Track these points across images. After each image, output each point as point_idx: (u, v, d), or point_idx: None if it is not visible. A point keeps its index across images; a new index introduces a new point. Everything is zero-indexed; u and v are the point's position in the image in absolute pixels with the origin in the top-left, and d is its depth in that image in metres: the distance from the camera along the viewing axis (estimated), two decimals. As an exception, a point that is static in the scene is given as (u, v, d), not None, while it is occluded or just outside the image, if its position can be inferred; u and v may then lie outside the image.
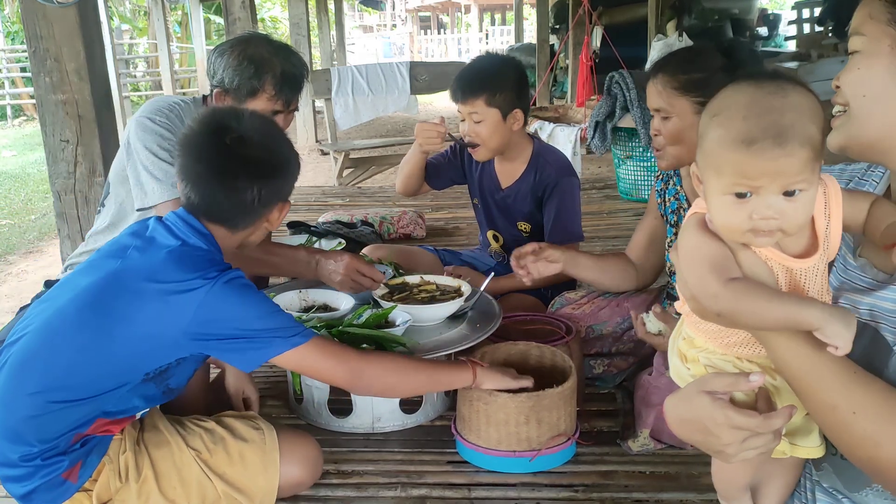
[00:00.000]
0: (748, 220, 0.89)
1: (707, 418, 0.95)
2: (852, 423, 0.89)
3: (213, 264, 1.50)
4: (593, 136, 4.84)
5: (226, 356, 1.54)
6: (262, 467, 1.67)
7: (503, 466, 1.85)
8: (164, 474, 1.62)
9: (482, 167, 2.62)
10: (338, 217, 3.97)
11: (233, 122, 1.55)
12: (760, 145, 0.86)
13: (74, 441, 1.52)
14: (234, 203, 1.56)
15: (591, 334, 2.26)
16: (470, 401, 1.86)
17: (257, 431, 1.72)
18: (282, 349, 1.52)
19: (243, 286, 1.52)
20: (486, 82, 2.36)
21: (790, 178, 0.87)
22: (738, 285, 0.90)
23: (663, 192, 2.15)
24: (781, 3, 19.78)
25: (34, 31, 2.99)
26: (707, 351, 1.03)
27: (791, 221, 0.89)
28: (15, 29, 14.07)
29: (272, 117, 2.11)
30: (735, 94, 0.91)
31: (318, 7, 13.13)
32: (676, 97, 1.89)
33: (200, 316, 1.45)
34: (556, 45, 11.04)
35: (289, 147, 1.65)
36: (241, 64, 2.08)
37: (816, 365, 0.90)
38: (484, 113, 2.36)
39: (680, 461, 1.88)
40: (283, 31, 20.22)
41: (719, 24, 11.03)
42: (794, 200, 0.88)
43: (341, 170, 6.92)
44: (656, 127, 1.96)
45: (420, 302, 2.11)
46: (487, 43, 26.58)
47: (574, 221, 2.47)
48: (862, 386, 0.90)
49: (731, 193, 0.90)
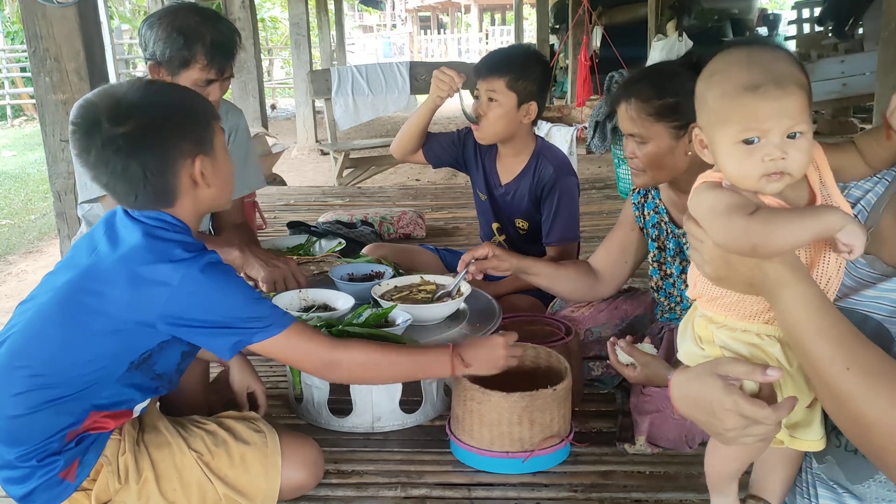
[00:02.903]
0: (760, 164, 0.95)
1: (715, 401, 0.98)
2: (845, 377, 0.91)
3: (184, 247, 1.47)
4: (593, 136, 4.84)
5: (204, 341, 1.52)
6: (263, 470, 1.67)
7: (496, 467, 1.85)
8: (165, 476, 1.61)
9: (486, 163, 2.61)
10: (338, 217, 3.97)
11: (102, 113, 1.44)
12: (765, 88, 0.94)
13: (69, 439, 1.52)
14: (136, 185, 1.46)
15: (589, 337, 2.26)
16: (463, 400, 1.86)
17: (259, 434, 1.71)
18: (262, 337, 1.50)
19: (221, 271, 1.49)
20: (513, 66, 2.38)
21: (792, 118, 0.94)
22: (763, 213, 0.95)
23: (641, 205, 2.12)
24: (781, 3, 19.78)
25: (34, 31, 3.00)
26: (725, 327, 1.06)
27: (796, 164, 0.95)
28: (15, 29, 14.06)
29: (206, 86, 2.15)
30: (730, 55, 1.01)
31: (318, 7, 13.14)
32: (652, 123, 1.86)
33: (176, 302, 1.44)
34: (556, 45, 11.05)
35: (163, 103, 1.50)
36: (171, 36, 2.09)
37: (820, 316, 0.93)
38: (501, 94, 2.38)
39: (679, 461, 1.89)
40: (284, 31, 20.23)
41: (719, 24, 11.05)
42: (797, 142, 0.95)
43: (341, 170, 6.92)
44: (632, 150, 1.93)
45: (420, 302, 2.11)
46: (487, 43, 26.60)
47: (571, 222, 2.46)
48: (859, 344, 0.92)
49: (741, 141, 0.96)
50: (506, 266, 2.08)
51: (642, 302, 2.29)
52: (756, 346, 1.03)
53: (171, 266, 1.44)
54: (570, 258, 2.47)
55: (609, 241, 2.20)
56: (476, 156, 2.62)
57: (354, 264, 2.44)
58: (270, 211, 4.71)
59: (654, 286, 2.16)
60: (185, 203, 1.52)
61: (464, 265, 2.07)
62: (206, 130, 1.54)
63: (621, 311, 2.28)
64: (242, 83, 6.80)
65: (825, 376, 0.94)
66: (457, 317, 2.10)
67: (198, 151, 1.50)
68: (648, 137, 1.87)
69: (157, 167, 1.46)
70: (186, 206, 1.53)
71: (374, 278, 2.30)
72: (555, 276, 2.16)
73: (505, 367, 1.76)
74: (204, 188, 1.53)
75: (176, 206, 1.52)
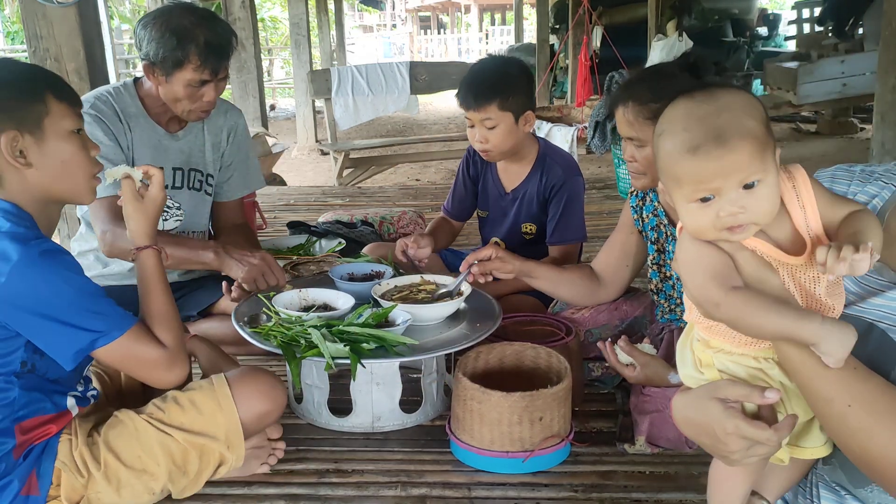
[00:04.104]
0: (718, 220, 0.94)
1: (717, 424, 0.98)
2: (847, 415, 0.92)
3: (15, 238, 1.41)
4: (593, 136, 4.84)
5: (43, 341, 1.45)
6: (216, 405, 1.65)
7: (496, 467, 1.85)
8: (124, 449, 1.60)
9: (485, 176, 2.62)
10: (338, 217, 3.97)
11: None
12: (704, 149, 0.91)
13: (16, 457, 1.49)
14: None
15: (589, 338, 2.26)
16: (463, 400, 1.86)
17: (204, 379, 1.71)
18: (105, 340, 1.47)
19: (58, 260, 1.44)
20: (498, 87, 2.31)
21: (742, 171, 0.91)
22: (739, 295, 0.93)
23: (640, 208, 2.12)
24: (781, 3, 19.77)
25: (34, 31, 3.00)
26: (723, 351, 1.05)
27: (758, 212, 0.93)
28: (15, 29, 14.06)
29: (200, 87, 2.15)
30: (673, 111, 0.98)
31: (318, 7, 13.14)
32: (649, 126, 1.84)
33: (10, 287, 1.38)
34: (556, 45, 11.05)
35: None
36: (164, 36, 2.09)
37: (818, 360, 0.92)
38: (498, 118, 2.32)
39: (679, 461, 1.88)
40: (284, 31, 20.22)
41: (719, 24, 11.05)
42: (755, 192, 0.92)
43: (341, 170, 6.92)
44: (630, 153, 1.93)
45: (420, 302, 2.11)
46: (487, 43, 26.59)
47: (577, 221, 2.47)
48: (859, 380, 0.92)
49: (696, 200, 0.94)
50: (509, 268, 2.08)
51: (642, 303, 2.29)
52: (756, 370, 1.03)
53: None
54: (572, 258, 2.47)
55: (609, 244, 2.20)
56: (478, 176, 2.64)
57: (354, 264, 2.44)
58: (270, 211, 4.71)
59: (653, 288, 2.16)
60: (11, 183, 1.47)
61: (467, 266, 2.07)
62: (29, 107, 1.46)
63: (621, 311, 2.28)
64: (242, 83, 6.81)
65: (827, 413, 0.94)
66: (457, 317, 2.10)
67: (9, 128, 1.44)
68: (646, 140, 1.86)
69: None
70: (14, 186, 1.48)
71: (374, 278, 2.30)
72: (557, 280, 2.16)
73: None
74: (27, 170, 1.47)
75: (3, 188, 1.47)
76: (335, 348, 1.82)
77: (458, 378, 1.89)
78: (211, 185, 2.48)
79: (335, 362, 1.82)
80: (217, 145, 2.46)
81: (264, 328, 1.94)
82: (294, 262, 3.34)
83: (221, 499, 1.76)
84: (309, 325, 1.91)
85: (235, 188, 2.55)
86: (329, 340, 1.85)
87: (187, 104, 2.21)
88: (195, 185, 2.43)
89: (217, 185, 2.51)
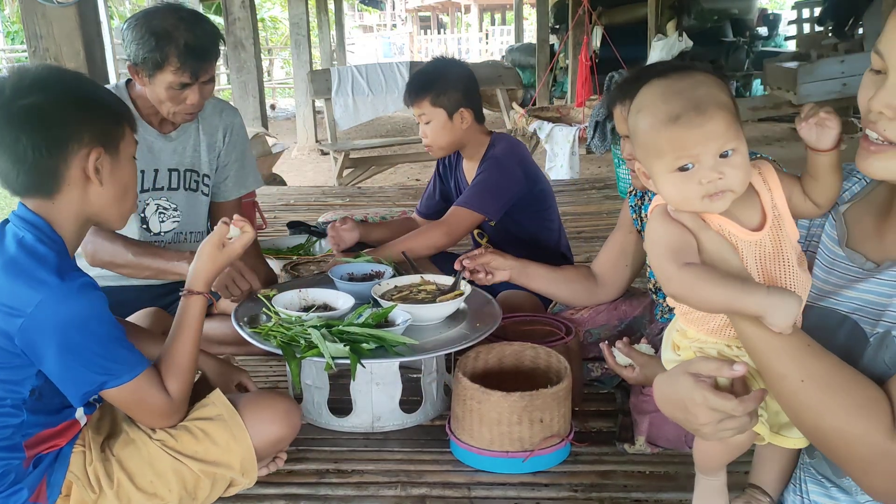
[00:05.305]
0: (699, 187, 1.00)
1: (687, 398, 1.02)
2: (800, 391, 0.96)
3: (51, 266, 1.38)
4: (593, 136, 4.85)
5: (55, 375, 1.43)
6: (230, 436, 1.65)
7: (496, 467, 1.85)
8: (137, 472, 1.59)
9: (454, 173, 2.70)
10: (338, 217, 3.97)
11: (8, 85, 1.41)
12: (686, 117, 0.99)
13: (25, 466, 1.49)
14: (20, 162, 1.40)
15: (589, 339, 2.27)
16: (463, 400, 1.86)
17: (213, 408, 1.68)
18: (115, 383, 1.46)
19: (92, 302, 1.41)
20: (430, 84, 2.48)
21: (719, 139, 0.99)
22: (690, 270, 0.99)
23: (638, 207, 2.11)
24: (781, 3, 19.78)
25: (34, 31, 3.00)
26: (698, 341, 1.11)
27: (734, 180, 0.99)
28: (15, 29, 14.08)
29: (181, 89, 2.13)
30: (650, 89, 1.05)
31: (318, 7, 13.15)
32: None
33: (39, 317, 1.36)
34: (556, 45, 11.05)
35: (72, 86, 1.47)
36: (144, 37, 2.08)
37: (772, 335, 0.96)
38: (431, 113, 2.49)
39: (678, 461, 1.89)
40: (284, 31, 20.23)
41: (719, 23, 11.05)
42: (731, 160, 1.00)
43: (341, 170, 6.92)
44: (630, 152, 1.92)
45: (420, 302, 2.11)
46: (487, 43, 26.59)
47: (486, 196, 2.46)
48: (813, 357, 0.96)
49: (676, 169, 1.01)
50: (501, 262, 2.09)
51: (641, 303, 2.29)
52: (731, 357, 1.07)
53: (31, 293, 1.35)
54: (457, 225, 2.48)
55: (609, 244, 2.21)
56: (448, 173, 2.73)
57: (354, 264, 2.44)
58: (270, 211, 4.71)
59: (652, 287, 2.16)
60: (69, 197, 1.45)
61: (459, 264, 2.08)
62: (114, 128, 1.49)
63: (620, 311, 2.28)
64: (242, 83, 6.81)
65: (781, 390, 0.98)
66: (456, 317, 2.10)
67: (96, 144, 1.44)
68: None
69: (46, 148, 1.39)
70: (70, 201, 1.45)
71: (374, 278, 2.30)
72: (553, 279, 2.16)
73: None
74: (96, 186, 1.46)
75: (57, 200, 1.44)
76: (335, 348, 1.82)
77: (457, 378, 1.89)
78: (207, 186, 2.48)
79: (335, 362, 1.82)
80: (213, 145, 2.46)
81: (264, 328, 1.94)
82: (294, 262, 3.33)
83: (221, 499, 1.76)
84: (309, 325, 1.91)
85: (232, 188, 2.55)
86: (329, 340, 1.84)
87: (171, 106, 2.19)
88: (191, 186, 2.42)
89: (214, 185, 2.51)
